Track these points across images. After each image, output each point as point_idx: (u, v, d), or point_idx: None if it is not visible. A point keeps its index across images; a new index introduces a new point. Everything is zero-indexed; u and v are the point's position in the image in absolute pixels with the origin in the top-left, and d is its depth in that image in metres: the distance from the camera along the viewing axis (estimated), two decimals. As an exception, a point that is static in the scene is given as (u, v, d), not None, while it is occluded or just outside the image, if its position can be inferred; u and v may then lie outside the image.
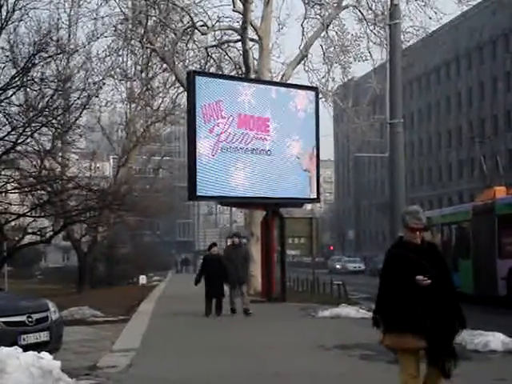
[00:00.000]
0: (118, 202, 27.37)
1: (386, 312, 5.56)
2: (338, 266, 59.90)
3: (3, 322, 9.17)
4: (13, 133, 21.29)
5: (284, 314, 16.80)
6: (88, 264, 37.41)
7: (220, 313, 16.32)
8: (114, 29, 27.14)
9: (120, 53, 27.77)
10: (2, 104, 20.92)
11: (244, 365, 9.67)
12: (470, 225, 22.40)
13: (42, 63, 21.32)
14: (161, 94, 34.72)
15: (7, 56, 20.99)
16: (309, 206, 61.41)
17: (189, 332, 13.47)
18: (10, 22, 20.64)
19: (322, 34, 27.21)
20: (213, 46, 28.57)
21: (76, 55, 27.67)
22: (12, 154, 22.77)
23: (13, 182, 23.53)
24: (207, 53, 28.42)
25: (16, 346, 8.38)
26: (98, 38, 27.68)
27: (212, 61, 28.80)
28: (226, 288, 16.68)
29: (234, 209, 49.64)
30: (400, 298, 5.39)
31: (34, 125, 21.20)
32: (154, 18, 26.75)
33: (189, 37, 27.69)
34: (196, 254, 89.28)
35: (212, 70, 28.12)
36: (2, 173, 23.09)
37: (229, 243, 18.36)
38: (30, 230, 28.87)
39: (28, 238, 30.25)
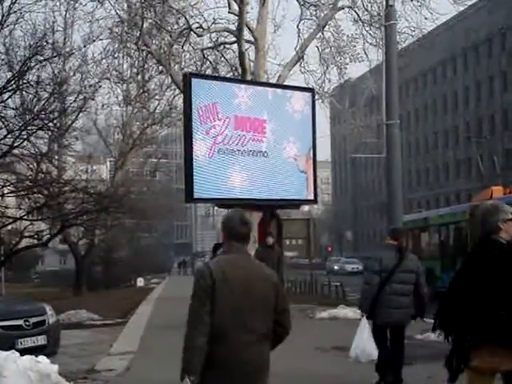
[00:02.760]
0: (115, 205, 27.35)
1: (468, 324, 4.76)
2: (336, 267, 59.90)
3: (0, 326, 9.14)
4: (9, 136, 21.24)
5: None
6: (85, 267, 37.36)
7: None
8: (109, 31, 27.08)
9: (116, 55, 27.63)
10: (-2, 107, 20.89)
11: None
12: (468, 225, 22.42)
13: (37, 66, 21.29)
14: (157, 97, 34.68)
15: (3, 59, 20.96)
16: (306, 208, 61.47)
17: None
18: (5, 26, 20.60)
19: (318, 36, 27.16)
20: (209, 48, 28.52)
21: (72, 58, 27.73)
22: (8, 158, 22.71)
23: (9, 185, 23.48)
24: (203, 55, 28.36)
25: (13, 350, 8.36)
26: (93, 40, 27.72)
27: (208, 63, 28.73)
28: None
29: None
30: (491, 306, 4.54)
31: (30, 128, 21.16)
32: (149, 21, 26.68)
33: (185, 39, 27.64)
34: (194, 256, 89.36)
35: (208, 71, 28.07)
36: (-1, 176, 23.07)
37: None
38: (26, 234, 28.82)
39: (25, 242, 30.20)
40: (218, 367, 3.97)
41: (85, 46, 28.19)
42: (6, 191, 23.54)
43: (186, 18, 26.45)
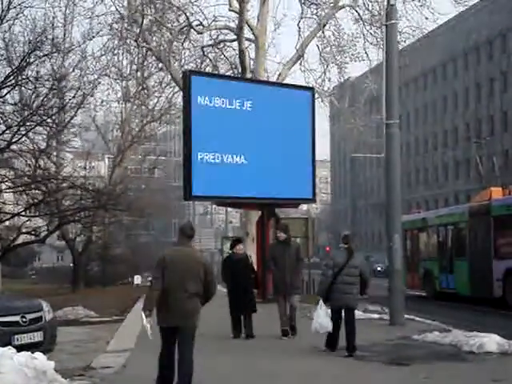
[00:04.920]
0: (112, 202, 27.31)
1: None
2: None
3: (-4, 322, 9.10)
4: (7, 132, 21.23)
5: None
6: (82, 264, 37.33)
7: (251, 334, 12.27)
8: (109, 28, 27.02)
9: (115, 52, 27.58)
10: (-3, 103, 20.84)
11: (239, 365, 9.62)
12: (466, 226, 22.39)
13: (36, 62, 21.28)
14: (156, 94, 34.64)
15: (2, 55, 20.98)
16: (305, 207, 61.41)
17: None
18: (4, 21, 20.58)
19: (319, 34, 27.13)
20: (209, 46, 28.48)
21: (71, 54, 27.69)
22: (6, 154, 22.71)
23: (7, 181, 23.48)
24: (203, 52, 28.33)
25: (10, 347, 8.32)
26: (93, 36, 27.65)
27: (208, 60, 28.70)
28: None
29: (229, 209, 49.57)
30: None
31: (28, 124, 21.15)
32: (149, 17, 26.65)
33: (185, 36, 27.60)
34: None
35: (208, 69, 28.03)
36: (-3, 172, 23.01)
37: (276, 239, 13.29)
38: (24, 230, 28.80)
39: (22, 238, 30.19)
40: (166, 310, 7.26)
41: (84, 42, 28.18)
42: (3, 187, 23.53)
43: (186, 15, 26.42)
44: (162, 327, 7.43)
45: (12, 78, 20.50)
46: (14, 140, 21.44)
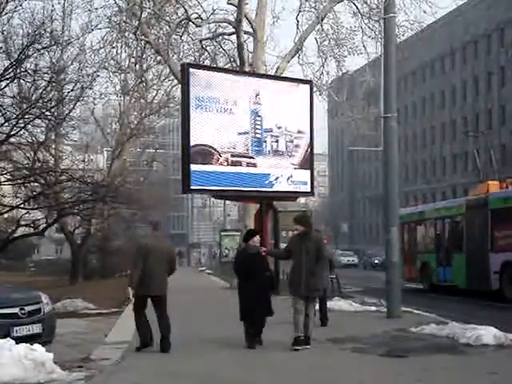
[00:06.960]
0: (111, 195, 27.28)
1: None
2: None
3: (-4, 314, 9.13)
4: (6, 124, 21.17)
5: (277, 307, 16.76)
6: (81, 256, 37.33)
7: (260, 340, 10.66)
8: (108, 21, 27.02)
9: (114, 45, 27.55)
10: (-5, 95, 20.82)
11: (235, 358, 9.68)
12: (464, 219, 22.47)
13: (35, 55, 21.18)
14: (155, 87, 34.68)
15: (0, 47, 20.86)
16: (303, 200, 61.36)
17: (180, 324, 13.44)
18: (3, 13, 20.52)
19: (317, 28, 27.15)
20: (207, 39, 28.49)
21: (70, 47, 27.53)
22: (5, 146, 22.65)
23: (6, 173, 23.44)
24: (202, 45, 28.34)
25: (8, 338, 8.38)
26: (92, 29, 27.55)
27: (206, 53, 28.72)
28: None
29: (227, 202, 49.63)
30: None
31: (27, 116, 21.09)
32: (148, 10, 26.65)
33: (183, 29, 27.60)
34: (189, 247, 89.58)
35: (206, 62, 28.05)
36: (-5, 165, 22.99)
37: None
38: (23, 222, 28.76)
39: (21, 231, 30.15)
40: (147, 283, 10.01)
41: (83, 35, 28.04)
42: (2, 179, 23.50)
43: (184, 8, 26.42)
44: (140, 296, 10.20)
45: (11, 70, 20.44)
46: (12, 133, 21.40)
